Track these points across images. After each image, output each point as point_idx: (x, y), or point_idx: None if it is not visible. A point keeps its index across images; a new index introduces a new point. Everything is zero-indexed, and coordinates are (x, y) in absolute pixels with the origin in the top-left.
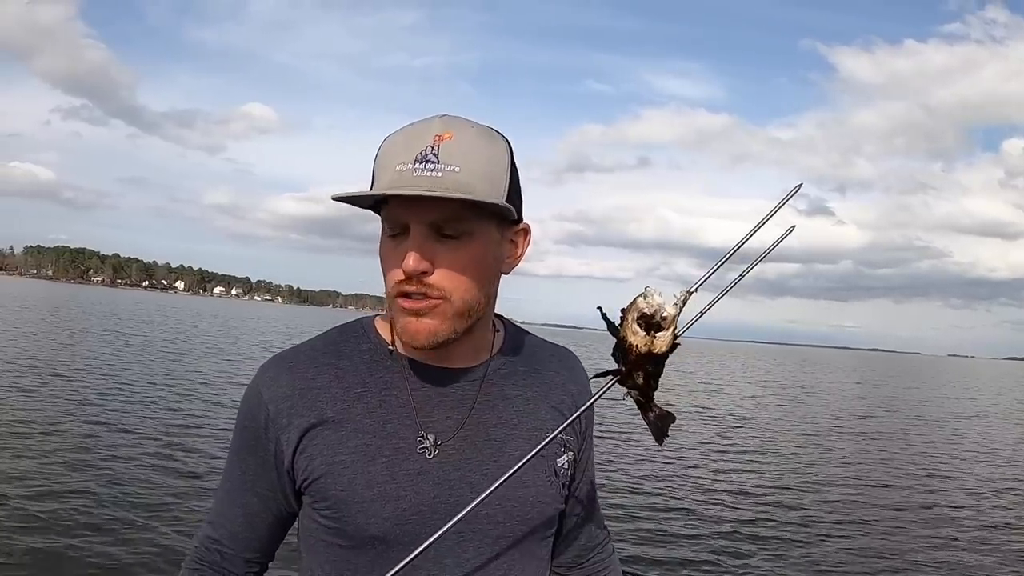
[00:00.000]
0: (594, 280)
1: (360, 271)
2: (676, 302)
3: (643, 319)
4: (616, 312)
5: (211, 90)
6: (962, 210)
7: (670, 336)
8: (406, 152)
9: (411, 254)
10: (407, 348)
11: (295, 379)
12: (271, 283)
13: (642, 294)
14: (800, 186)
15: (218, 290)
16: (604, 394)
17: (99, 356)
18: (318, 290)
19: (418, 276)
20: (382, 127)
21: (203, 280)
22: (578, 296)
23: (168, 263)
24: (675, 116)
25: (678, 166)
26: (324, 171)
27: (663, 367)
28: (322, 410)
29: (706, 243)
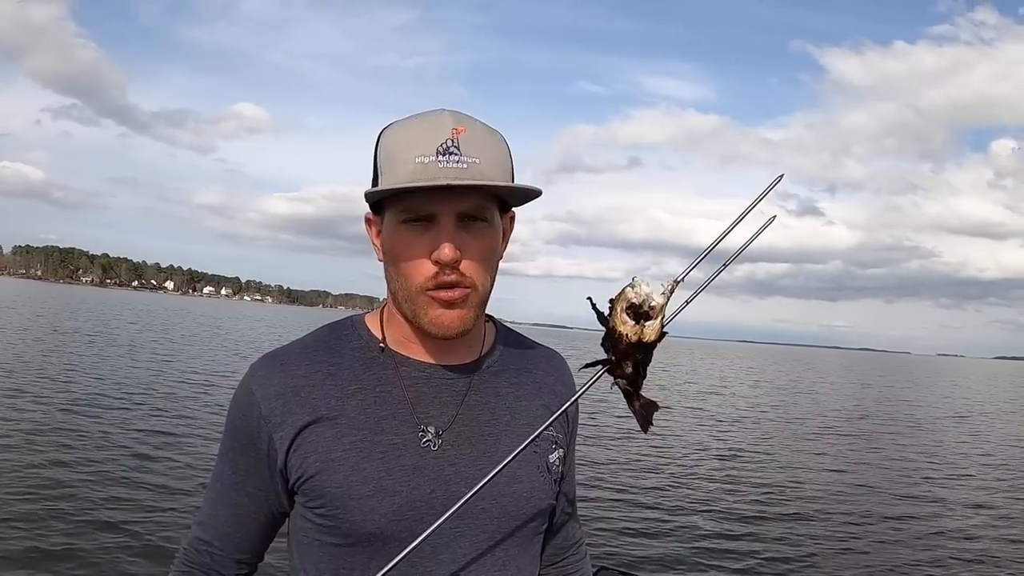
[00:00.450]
0: (585, 280)
1: (350, 271)
2: (663, 291)
3: (632, 308)
4: (605, 304)
5: (202, 90)
6: (951, 210)
7: (659, 325)
8: (424, 145)
9: (447, 244)
10: (398, 344)
11: (287, 377)
12: (261, 283)
13: (630, 284)
14: (781, 176)
15: (208, 290)
16: (594, 383)
17: (86, 356)
18: (308, 290)
19: (453, 266)
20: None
21: (193, 280)
22: (568, 296)
23: (158, 263)
24: (666, 117)
25: (669, 166)
26: (315, 171)
27: (652, 356)
28: (316, 408)
29: (697, 243)
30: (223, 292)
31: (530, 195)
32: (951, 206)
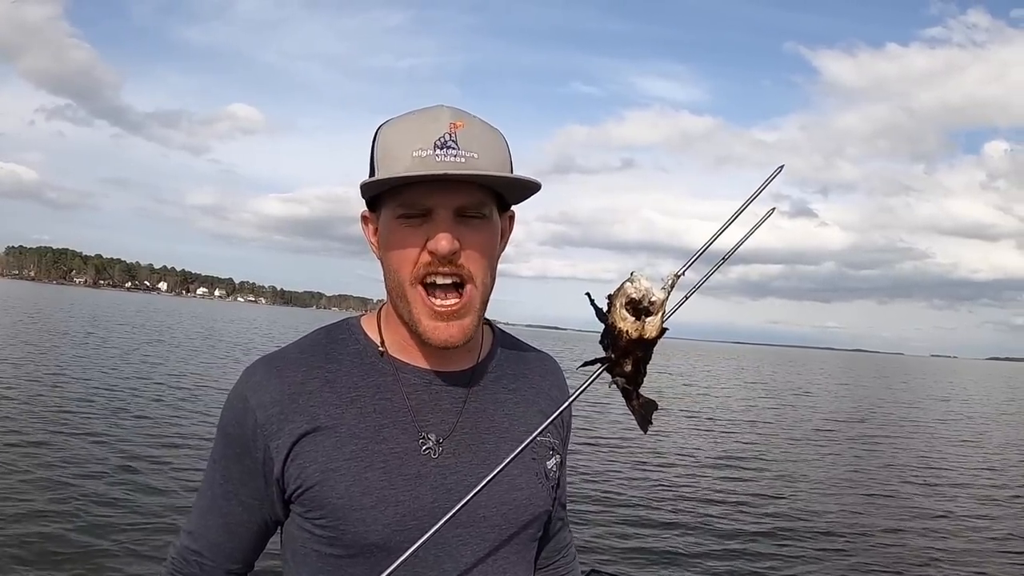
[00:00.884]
0: (578, 281)
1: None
2: (664, 286)
3: (632, 304)
4: (604, 300)
5: (196, 90)
6: (944, 212)
7: (659, 321)
8: (421, 139)
9: (443, 235)
10: (397, 349)
11: (283, 383)
12: (254, 284)
13: (629, 279)
14: (781, 167)
15: (201, 291)
16: (593, 381)
17: (78, 359)
18: (302, 291)
19: (449, 257)
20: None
21: (186, 281)
22: (562, 297)
23: (151, 264)
24: (660, 118)
25: (662, 168)
26: (309, 172)
27: (652, 353)
28: (314, 416)
29: (691, 244)
30: (216, 293)
31: (529, 188)
32: (944, 207)
